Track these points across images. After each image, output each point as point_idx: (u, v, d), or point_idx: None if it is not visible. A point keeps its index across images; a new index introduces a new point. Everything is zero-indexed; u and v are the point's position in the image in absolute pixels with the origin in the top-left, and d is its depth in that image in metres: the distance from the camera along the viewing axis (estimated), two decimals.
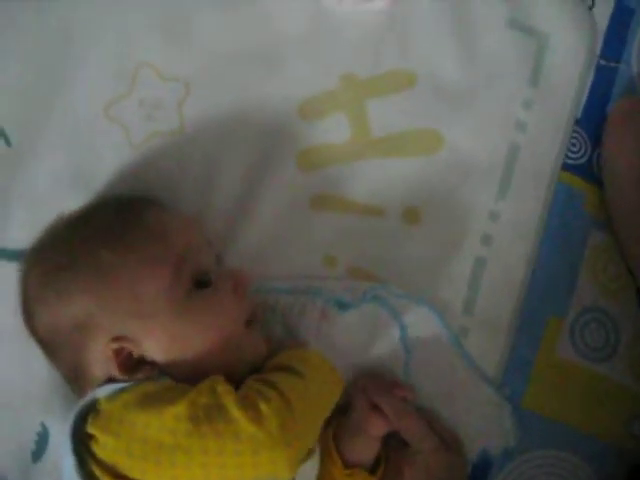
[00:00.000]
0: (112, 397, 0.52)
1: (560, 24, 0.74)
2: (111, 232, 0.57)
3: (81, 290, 0.54)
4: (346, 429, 0.63)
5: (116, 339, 0.54)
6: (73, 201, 0.62)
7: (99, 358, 0.54)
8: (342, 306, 0.67)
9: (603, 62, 0.75)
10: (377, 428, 0.61)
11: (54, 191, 0.64)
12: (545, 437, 0.73)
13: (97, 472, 0.51)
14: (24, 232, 0.62)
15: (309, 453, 0.58)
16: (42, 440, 0.65)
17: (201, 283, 0.57)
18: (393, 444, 0.66)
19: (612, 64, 0.75)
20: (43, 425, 0.65)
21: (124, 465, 0.50)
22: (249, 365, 0.58)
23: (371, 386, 0.64)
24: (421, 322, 0.69)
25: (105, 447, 0.51)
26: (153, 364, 0.55)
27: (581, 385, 0.74)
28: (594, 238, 0.74)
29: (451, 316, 0.70)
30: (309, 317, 0.66)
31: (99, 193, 0.64)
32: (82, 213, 0.59)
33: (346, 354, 0.67)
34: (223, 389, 0.51)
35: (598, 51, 0.75)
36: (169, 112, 0.67)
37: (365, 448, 0.62)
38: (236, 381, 0.54)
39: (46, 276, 0.56)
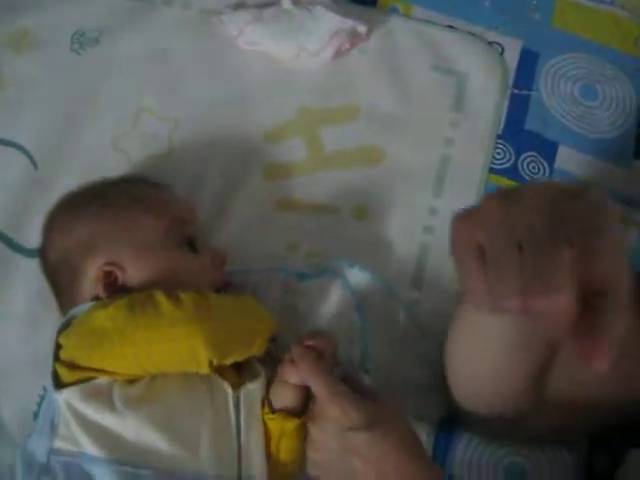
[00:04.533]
0: (84, 311, 0.68)
1: (475, 65, 0.98)
2: (126, 190, 0.77)
3: (92, 219, 0.73)
4: (275, 380, 0.73)
5: (109, 263, 0.71)
6: None
7: (91, 278, 0.71)
8: (301, 277, 0.83)
9: (516, 91, 0.97)
10: (289, 376, 0.70)
11: None
12: None
13: (60, 371, 0.65)
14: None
15: (254, 375, 0.71)
16: (42, 401, 0.77)
17: (189, 245, 0.76)
18: None
19: (524, 92, 0.97)
20: (44, 388, 0.78)
21: (78, 357, 0.65)
22: None
23: (295, 344, 0.72)
24: (374, 292, 0.84)
25: (66, 348, 0.66)
26: (131, 292, 0.70)
27: None
28: None
29: (401, 290, 0.85)
30: (274, 290, 0.82)
31: None
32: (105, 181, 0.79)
33: (308, 321, 0.83)
34: (158, 292, 0.67)
35: (511, 83, 0.97)
36: (161, 142, 0.90)
37: (287, 395, 0.71)
38: None
39: (66, 209, 0.76)
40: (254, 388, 0.71)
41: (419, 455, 0.68)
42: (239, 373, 0.73)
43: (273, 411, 0.71)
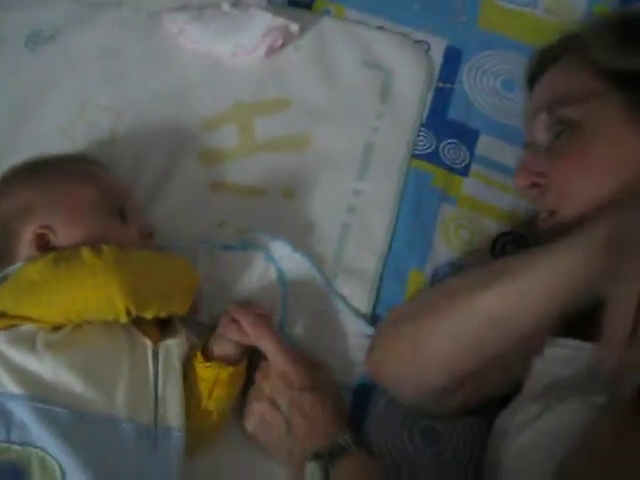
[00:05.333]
0: (17, 268, 0.76)
1: (401, 62, 1.06)
2: (63, 164, 0.85)
3: (30, 188, 0.81)
4: (213, 337, 0.82)
5: (43, 226, 0.79)
6: None
7: (26, 241, 0.79)
8: (226, 249, 0.91)
9: (441, 84, 1.05)
10: (232, 333, 0.80)
11: None
12: None
13: None
14: None
15: (174, 331, 0.79)
16: None
17: (119, 214, 0.83)
18: None
19: (448, 85, 1.05)
20: None
21: (8, 307, 0.72)
22: None
23: (235, 305, 0.83)
24: (295, 266, 0.91)
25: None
26: None
27: None
28: (444, 209, 0.98)
29: (322, 265, 0.93)
30: (200, 262, 0.90)
31: None
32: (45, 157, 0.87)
33: (232, 291, 0.90)
34: (83, 247, 0.74)
35: (436, 77, 1.05)
36: (105, 130, 0.99)
37: (225, 349, 0.80)
38: None
39: (7, 180, 0.84)
40: (173, 344, 0.78)
41: (345, 416, 0.83)
42: (162, 332, 0.80)
43: (208, 360, 0.79)
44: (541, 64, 0.88)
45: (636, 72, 0.73)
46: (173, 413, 0.76)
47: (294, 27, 1.04)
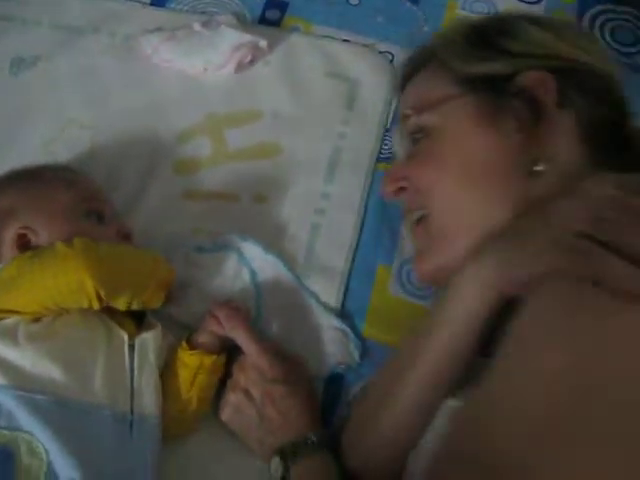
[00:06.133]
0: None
1: (366, 71, 1.13)
2: (42, 172, 0.92)
3: (12, 193, 0.88)
4: (196, 331, 0.88)
5: (24, 227, 0.85)
6: None
7: (9, 242, 0.85)
8: (200, 250, 0.97)
9: None
10: (210, 325, 0.86)
11: None
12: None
13: None
14: None
15: (150, 326, 0.85)
16: None
17: (96, 217, 0.89)
18: None
19: None
20: None
21: None
22: None
23: (214, 303, 0.89)
24: (268, 267, 0.97)
25: None
26: None
27: (410, 316, 0.97)
28: None
29: (294, 264, 0.98)
30: (176, 263, 0.94)
31: None
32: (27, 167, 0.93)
33: (206, 291, 0.95)
34: (57, 242, 0.80)
35: None
36: (84, 145, 1.05)
37: (206, 340, 0.86)
38: None
39: None
40: (148, 337, 0.84)
41: (315, 406, 0.87)
42: (138, 328, 0.86)
43: (192, 349, 0.85)
44: (406, 72, 0.91)
45: (484, 75, 0.77)
46: (149, 402, 0.81)
47: (263, 43, 1.11)
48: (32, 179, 0.91)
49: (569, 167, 0.74)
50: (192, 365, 0.85)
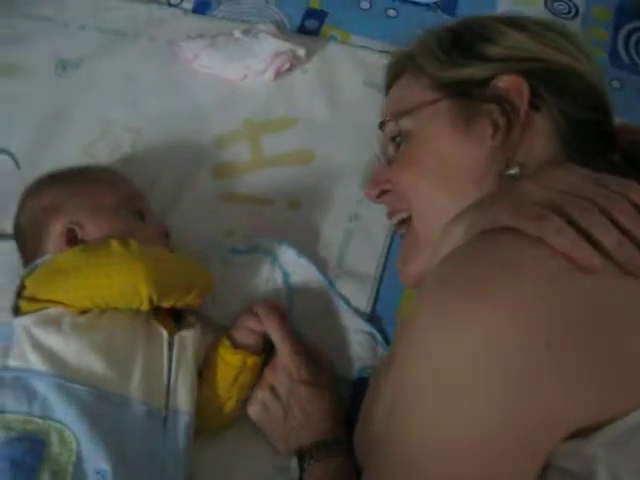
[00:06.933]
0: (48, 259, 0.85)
1: None
2: (86, 172, 0.96)
3: (58, 190, 0.90)
4: (233, 328, 0.91)
5: (72, 222, 0.87)
6: None
7: (55, 236, 0.87)
8: (234, 252, 1.00)
9: None
10: (249, 322, 0.90)
11: None
12: None
13: (22, 304, 0.81)
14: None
15: (189, 324, 0.88)
16: None
17: (139, 215, 0.92)
18: None
19: None
20: None
21: (39, 291, 0.80)
22: None
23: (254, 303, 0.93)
24: (300, 270, 1.00)
25: (29, 287, 0.82)
26: None
27: None
28: None
29: (325, 269, 1.01)
30: (212, 264, 0.98)
31: None
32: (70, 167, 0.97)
33: (240, 292, 0.98)
34: (112, 239, 0.83)
35: None
36: (125, 148, 1.09)
37: (248, 338, 0.90)
38: None
39: (37, 185, 0.93)
40: (187, 335, 0.87)
41: (340, 410, 0.89)
42: (177, 325, 0.89)
43: (236, 348, 0.88)
44: (388, 78, 0.93)
45: (460, 80, 0.78)
46: (184, 399, 0.83)
47: (301, 51, 1.14)
48: (76, 177, 0.94)
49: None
50: (235, 364, 0.88)
